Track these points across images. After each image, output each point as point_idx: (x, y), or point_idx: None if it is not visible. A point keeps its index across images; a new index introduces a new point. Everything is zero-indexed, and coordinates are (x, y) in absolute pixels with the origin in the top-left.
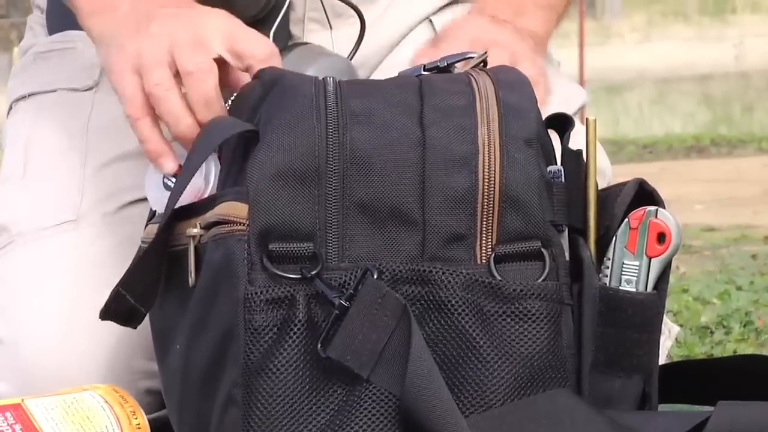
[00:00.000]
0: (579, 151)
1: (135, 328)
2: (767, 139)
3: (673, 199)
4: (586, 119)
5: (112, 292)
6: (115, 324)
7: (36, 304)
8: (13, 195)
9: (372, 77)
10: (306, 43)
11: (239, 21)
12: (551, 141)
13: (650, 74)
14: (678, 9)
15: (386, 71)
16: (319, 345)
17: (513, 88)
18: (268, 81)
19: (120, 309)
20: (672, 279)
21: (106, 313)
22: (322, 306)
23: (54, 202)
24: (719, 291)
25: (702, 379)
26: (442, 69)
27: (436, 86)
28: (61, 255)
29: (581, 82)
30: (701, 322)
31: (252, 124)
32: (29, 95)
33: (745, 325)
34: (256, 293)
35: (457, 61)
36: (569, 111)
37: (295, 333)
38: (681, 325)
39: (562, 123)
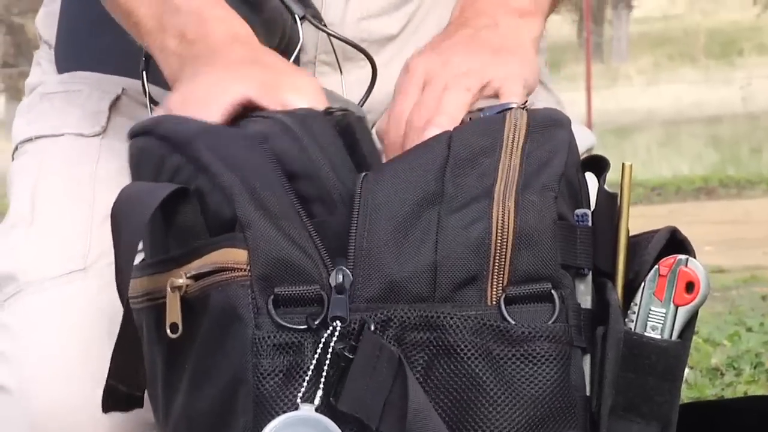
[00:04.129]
0: (614, 195)
1: (141, 407)
2: None
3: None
4: (622, 164)
5: (105, 386)
6: None
7: (44, 354)
8: (20, 243)
9: (379, 122)
10: None
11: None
12: (584, 183)
13: (658, 116)
14: (685, 51)
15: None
16: (331, 398)
17: (545, 131)
18: (180, 135)
19: (117, 399)
20: None
21: (106, 407)
22: (330, 353)
23: (62, 251)
24: (729, 333)
25: (713, 421)
26: None
27: (466, 138)
28: (69, 305)
29: (589, 125)
30: (711, 363)
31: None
32: (36, 138)
33: (755, 367)
34: (264, 338)
35: (498, 113)
36: None
37: (302, 378)
38: (691, 367)
39: (599, 164)
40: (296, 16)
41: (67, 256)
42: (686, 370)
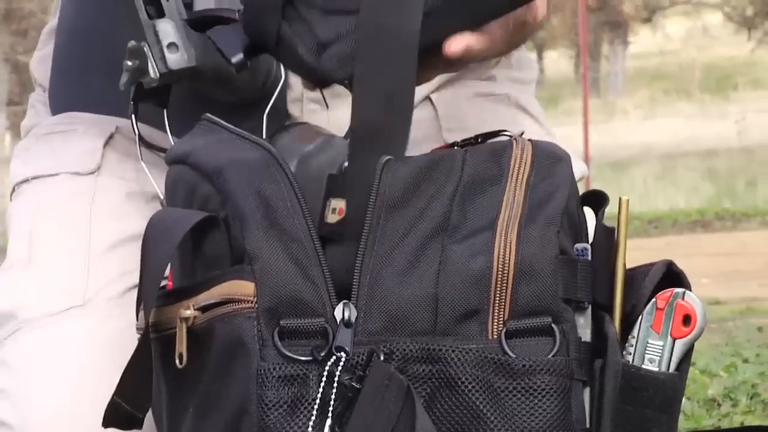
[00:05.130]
0: (611, 229)
1: (140, 429)
2: None
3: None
4: (619, 199)
5: (109, 401)
6: None
7: (45, 390)
8: (19, 281)
9: None
10: (304, 123)
11: None
12: (584, 217)
13: (654, 150)
14: (680, 86)
15: None
16: (337, 428)
17: (549, 166)
18: (209, 167)
19: (118, 416)
20: None
21: (107, 422)
22: (334, 385)
23: (60, 287)
24: (725, 364)
25: None
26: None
27: (477, 163)
28: (69, 340)
29: (586, 159)
30: (708, 394)
31: (197, 210)
32: (32, 178)
33: (752, 398)
34: (269, 369)
35: (492, 137)
36: None
37: (307, 410)
38: (688, 398)
39: (597, 199)
40: None
41: (65, 292)
42: (683, 401)
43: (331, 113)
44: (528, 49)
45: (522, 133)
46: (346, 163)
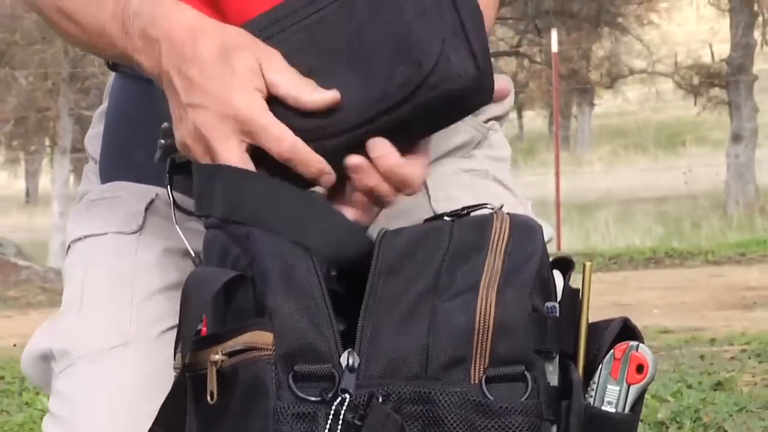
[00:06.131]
0: (576, 290)
1: None
2: (712, 252)
3: (635, 304)
4: (584, 264)
5: (149, 430)
6: None
7: (93, 416)
8: (73, 324)
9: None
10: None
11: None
12: (553, 280)
13: (615, 196)
14: (637, 142)
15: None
16: None
17: (524, 236)
18: (239, 233)
19: None
20: None
21: None
22: (340, 422)
23: (107, 329)
24: (673, 390)
25: None
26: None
27: (463, 234)
28: (113, 374)
29: (557, 202)
30: (658, 417)
31: (229, 269)
32: (84, 237)
33: (695, 421)
34: (284, 408)
35: (475, 210)
36: None
37: None
38: (641, 421)
39: (565, 264)
40: None
41: (111, 333)
42: None
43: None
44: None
45: (502, 206)
46: None
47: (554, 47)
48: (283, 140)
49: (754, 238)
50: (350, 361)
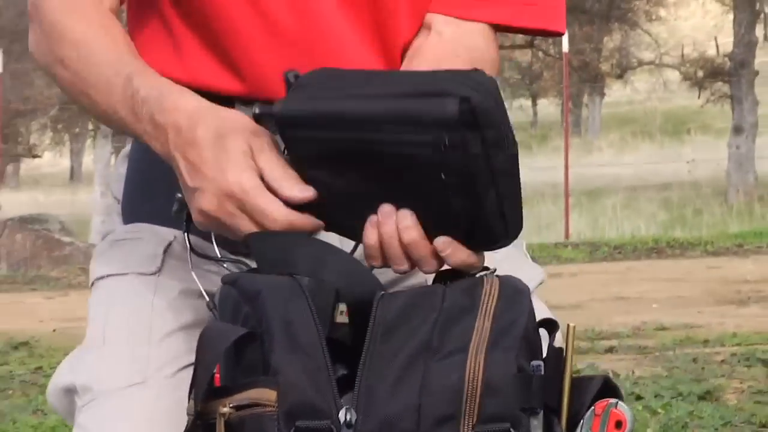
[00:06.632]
0: (560, 349)
1: None
2: (711, 243)
3: (636, 297)
4: (567, 325)
5: None
6: None
7: None
8: (94, 360)
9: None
10: (317, 240)
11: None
12: (539, 339)
13: (622, 182)
14: (645, 130)
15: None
16: None
17: (512, 299)
18: (250, 291)
19: None
20: (627, 384)
21: None
22: None
23: (126, 367)
24: (664, 402)
25: None
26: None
27: (455, 297)
28: (132, 410)
29: (566, 186)
30: None
31: (239, 326)
32: (107, 276)
33: None
34: None
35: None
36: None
37: None
38: None
39: (550, 325)
40: None
41: (130, 371)
42: None
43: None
44: (524, 97)
45: (494, 271)
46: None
47: (565, 47)
48: (277, 220)
49: (752, 230)
50: (348, 417)
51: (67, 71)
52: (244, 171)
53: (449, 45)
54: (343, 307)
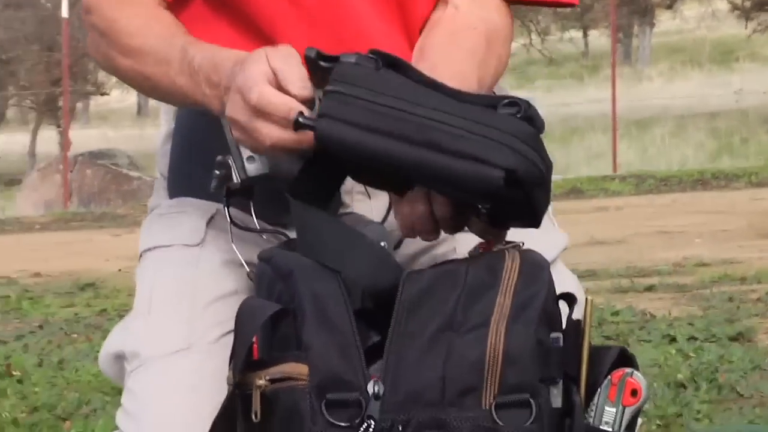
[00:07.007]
0: (578, 321)
1: None
2: (756, 174)
3: (679, 232)
4: (585, 299)
5: None
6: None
7: (160, 412)
8: (141, 328)
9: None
10: (352, 213)
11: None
12: (558, 312)
13: (671, 111)
14: (694, 58)
15: None
16: None
17: (532, 275)
18: (283, 269)
19: None
20: (662, 326)
21: None
22: None
23: (171, 334)
24: (695, 346)
25: None
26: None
27: (478, 273)
28: (178, 374)
29: (614, 121)
30: (678, 378)
31: (274, 302)
32: (153, 248)
33: (711, 381)
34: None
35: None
36: (551, 256)
37: None
38: (663, 381)
39: (569, 298)
40: None
41: (175, 338)
42: (639, 421)
43: (372, 202)
44: (575, 28)
45: (518, 245)
46: (382, 243)
47: None
48: (278, 107)
49: None
50: (376, 390)
51: (127, 59)
52: (252, 74)
53: (465, 17)
54: None
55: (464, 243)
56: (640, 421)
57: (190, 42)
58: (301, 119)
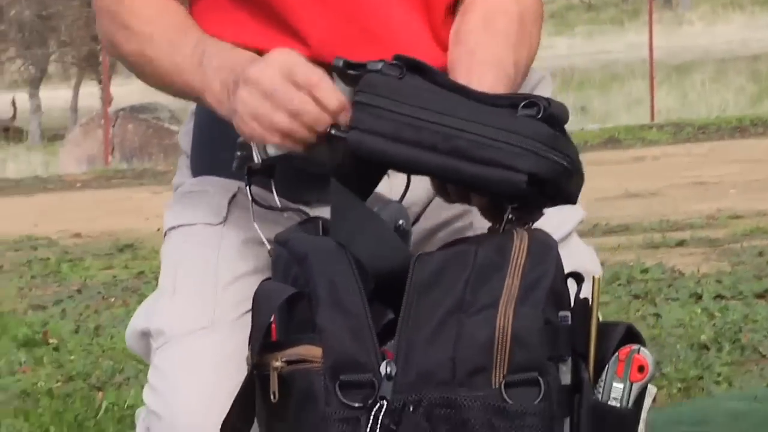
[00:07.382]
0: (585, 300)
1: None
2: None
3: (714, 182)
4: (593, 277)
5: (224, 419)
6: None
7: (185, 388)
8: (166, 306)
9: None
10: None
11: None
12: (567, 291)
13: (712, 55)
14: (735, 1)
15: (430, 212)
16: None
17: (540, 255)
18: (298, 253)
19: (232, 426)
20: (690, 283)
21: (224, 428)
22: (378, 425)
23: (195, 312)
24: (721, 305)
25: None
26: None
27: (487, 255)
28: (201, 352)
29: (651, 69)
30: (701, 339)
31: (290, 285)
32: (178, 226)
33: (734, 342)
34: (332, 413)
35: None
36: (566, 230)
37: None
38: (686, 343)
39: (577, 277)
40: None
41: (198, 316)
42: (654, 390)
43: (392, 180)
44: None
45: (531, 224)
46: (400, 221)
47: None
48: (275, 84)
49: None
50: (388, 370)
51: (135, 45)
52: (261, 65)
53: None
54: None
55: (481, 217)
56: (653, 392)
57: (202, 38)
58: (333, 131)
